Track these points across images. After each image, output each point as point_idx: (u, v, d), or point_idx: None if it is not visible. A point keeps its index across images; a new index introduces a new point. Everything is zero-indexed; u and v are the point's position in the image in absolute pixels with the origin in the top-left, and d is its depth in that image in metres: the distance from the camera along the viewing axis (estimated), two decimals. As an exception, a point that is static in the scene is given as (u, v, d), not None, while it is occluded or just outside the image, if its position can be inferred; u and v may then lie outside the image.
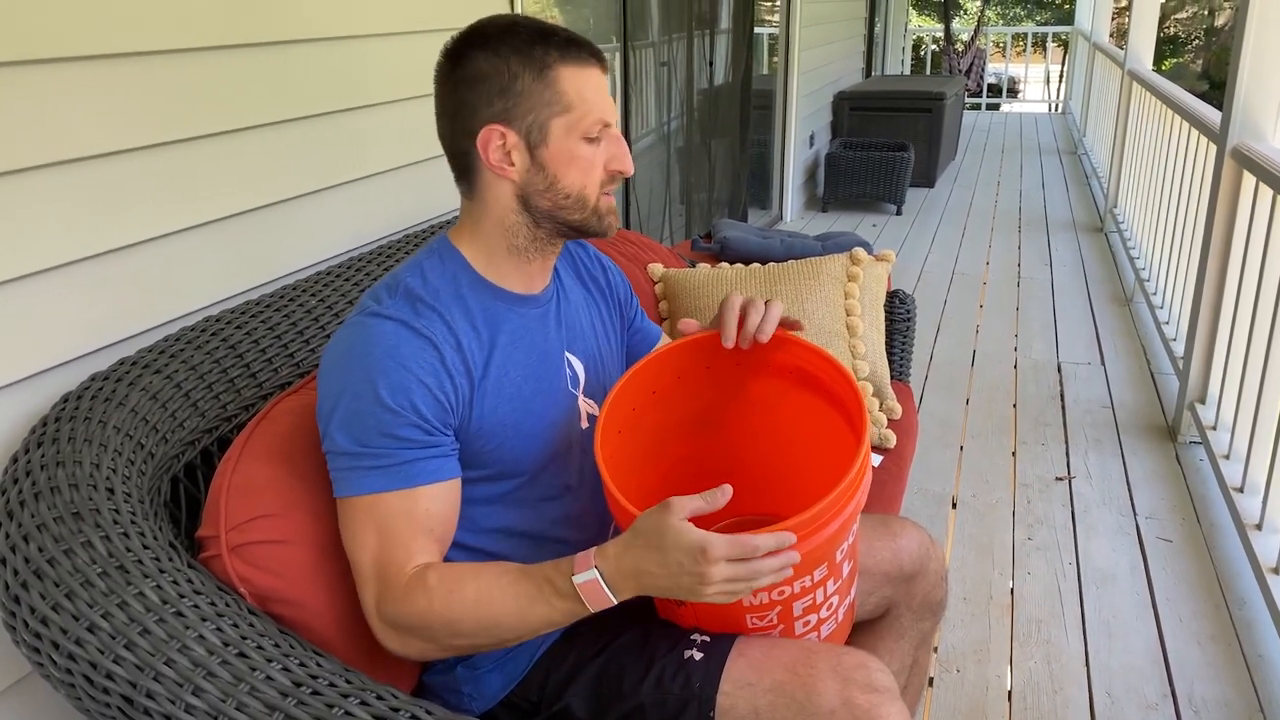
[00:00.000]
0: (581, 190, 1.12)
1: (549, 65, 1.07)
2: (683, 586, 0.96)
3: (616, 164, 1.13)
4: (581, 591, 0.98)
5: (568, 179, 1.11)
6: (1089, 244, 5.38)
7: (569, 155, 1.10)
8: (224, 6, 1.50)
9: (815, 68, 6.23)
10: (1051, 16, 19.23)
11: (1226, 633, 2.13)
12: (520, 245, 1.15)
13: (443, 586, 1.02)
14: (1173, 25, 16.65)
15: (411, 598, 1.03)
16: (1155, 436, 3.08)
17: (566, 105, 1.08)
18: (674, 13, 4.22)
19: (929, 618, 1.46)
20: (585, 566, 0.99)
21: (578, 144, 1.10)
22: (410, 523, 1.05)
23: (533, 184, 1.11)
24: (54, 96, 1.24)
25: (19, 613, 0.94)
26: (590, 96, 1.09)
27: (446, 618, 1.02)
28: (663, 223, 4.33)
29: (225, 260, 1.55)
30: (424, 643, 1.05)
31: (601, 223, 1.16)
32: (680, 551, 0.94)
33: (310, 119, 1.71)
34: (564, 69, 1.08)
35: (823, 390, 1.21)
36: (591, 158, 1.11)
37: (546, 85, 1.07)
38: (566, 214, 1.13)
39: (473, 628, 1.03)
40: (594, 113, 1.09)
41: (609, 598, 0.99)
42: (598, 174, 1.12)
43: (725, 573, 0.93)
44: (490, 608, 1.02)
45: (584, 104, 1.09)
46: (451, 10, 2.07)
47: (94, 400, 1.17)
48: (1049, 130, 9.80)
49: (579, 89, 1.08)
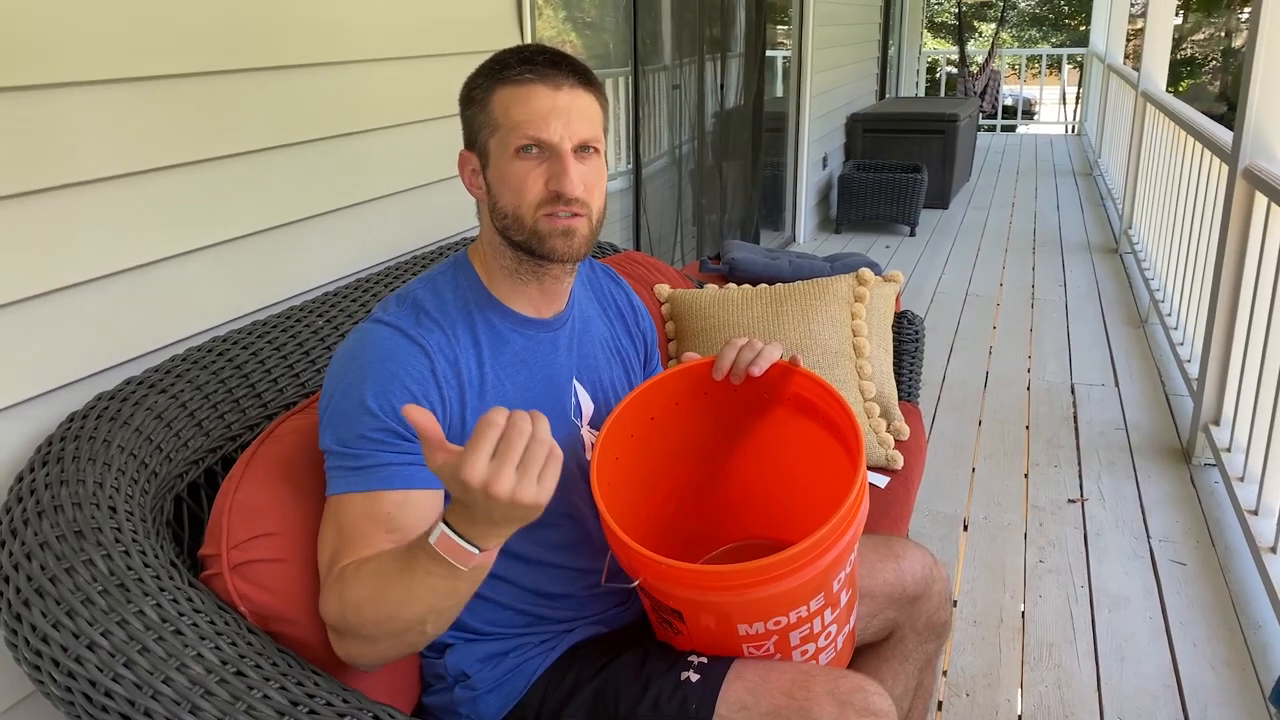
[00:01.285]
0: (516, 209, 1.10)
1: (488, 88, 1.10)
2: (498, 509, 0.86)
3: (554, 183, 1.09)
4: (440, 549, 0.91)
5: (504, 198, 1.11)
6: (1104, 265, 5.35)
7: (501, 173, 1.11)
8: (229, 32, 1.52)
9: (828, 90, 6.25)
10: (1067, 38, 19.23)
11: (1241, 657, 2.10)
12: (509, 267, 1.16)
13: (349, 575, 1.00)
14: (1190, 46, 16.61)
15: (329, 591, 1.02)
16: (1169, 459, 3.05)
17: (495, 124, 1.10)
18: (686, 37, 4.25)
19: (934, 640, 1.45)
20: (435, 525, 0.92)
21: (509, 161, 1.09)
22: (370, 524, 1.03)
23: (490, 205, 1.14)
24: (63, 120, 1.27)
25: (20, 630, 0.95)
26: (517, 113, 1.08)
27: (354, 605, 0.99)
28: (674, 244, 4.34)
29: (232, 282, 1.57)
30: (352, 640, 1.02)
31: (543, 245, 1.11)
32: (457, 488, 0.86)
33: (314, 143, 1.73)
34: (501, 89, 1.09)
35: (820, 417, 1.21)
36: (521, 175, 1.09)
37: (483, 109, 1.11)
38: (512, 234, 1.12)
39: (374, 614, 0.98)
40: (520, 129, 1.08)
41: (469, 550, 0.90)
42: (532, 193, 1.09)
43: (501, 471, 0.84)
44: (382, 590, 0.97)
45: (508, 120, 1.08)
46: (453, 37, 2.10)
47: (99, 420, 1.18)
48: (1064, 152, 9.78)
49: (506, 107, 1.09)
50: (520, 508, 0.86)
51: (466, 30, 2.16)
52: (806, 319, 2.07)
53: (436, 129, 2.03)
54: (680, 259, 4.40)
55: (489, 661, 1.18)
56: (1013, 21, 19.82)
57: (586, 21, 3.77)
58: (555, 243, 1.11)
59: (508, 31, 2.33)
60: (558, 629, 1.21)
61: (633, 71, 3.70)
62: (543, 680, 1.18)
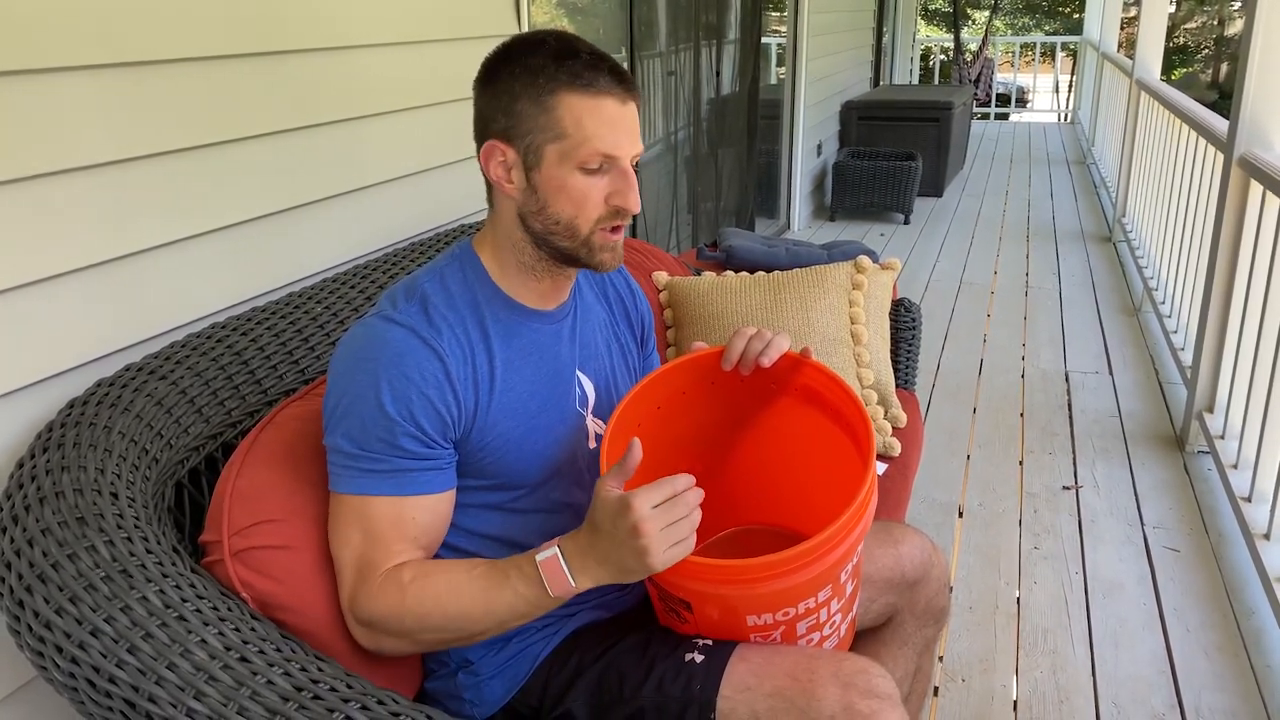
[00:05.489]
0: (572, 220, 1.08)
1: (551, 90, 1.04)
2: (627, 549, 0.96)
3: (618, 199, 1.07)
4: (543, 570, 1.00)
5: (557, 206, 1.08)
6: (1097, 253, 5.37)
7: (560, 183, 1.06)
8: (227, 17, 1.51)
9: (823, 77, 6.24)
10: (1060, 26, 19.23)
11: (1234, 643, 2.11)
12: (527, 263, 1.15)
13: (415, 582, 1.04)
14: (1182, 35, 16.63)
15: (385, 593, 1.04)
16: (1163, 446, 3.07)
17: (560, 132, 1.04)
18: (682, 23, 4.23)
19: (932, 625, 1.45)
20: (549, 546, 1.01)
21: (571, 173, 1.06)
22: (395, 528, 1.07)
23: (528, 204, 1.10)
24: (61, 105, 1.26)
25: (23, 617, 0.94)
26: (590, 126, 1.04)
27: (417, 612, 1.04)
28: (670, 231, 4.34)
29: (231, 268, 1.56)
30: (395, 639, 1.07)
31: (593, 257, 1.11)
32: (608, 515, 0.97)
33: (313, 128, 1.72)
34: (567, 95, 1.04)
35: (828, 408, 1.20)
36: (585, 189, 1.06)
37: (543, 110, 1.04)
38: (556, 240, 1.10)
39: (441, 620, 1.04)
40: (591, 144, 1.04)
41: (568, 579, 1.00)
42: (593, 207, 1.07)
43: (657, 519, 0.95)
44: (458, 599, 1.03)
45: (580, 133, 1.04)
46: (451, 22, 2.09)
47: (100, 406, 1.18)
48: (1058, 140, 9.79)
49: (578, 117, 1.04)
50: (642, 557, 0.95)
51: (464, 15, 2.14)
52: (805, 307, 2.07)
53: (435, 114, 2.02)
54: (676, 246, 4.40)
55: (492, 647, 1.18)
56: (1006, 9, 19.81)
57: (582, 6, 3.75)
58: (605, 257, 1.12)
59: (505, 16, 2.32)
60: (560, 614, 1.21)
61: (628, 58, 3.69)
62: (546, 664, 1.19)
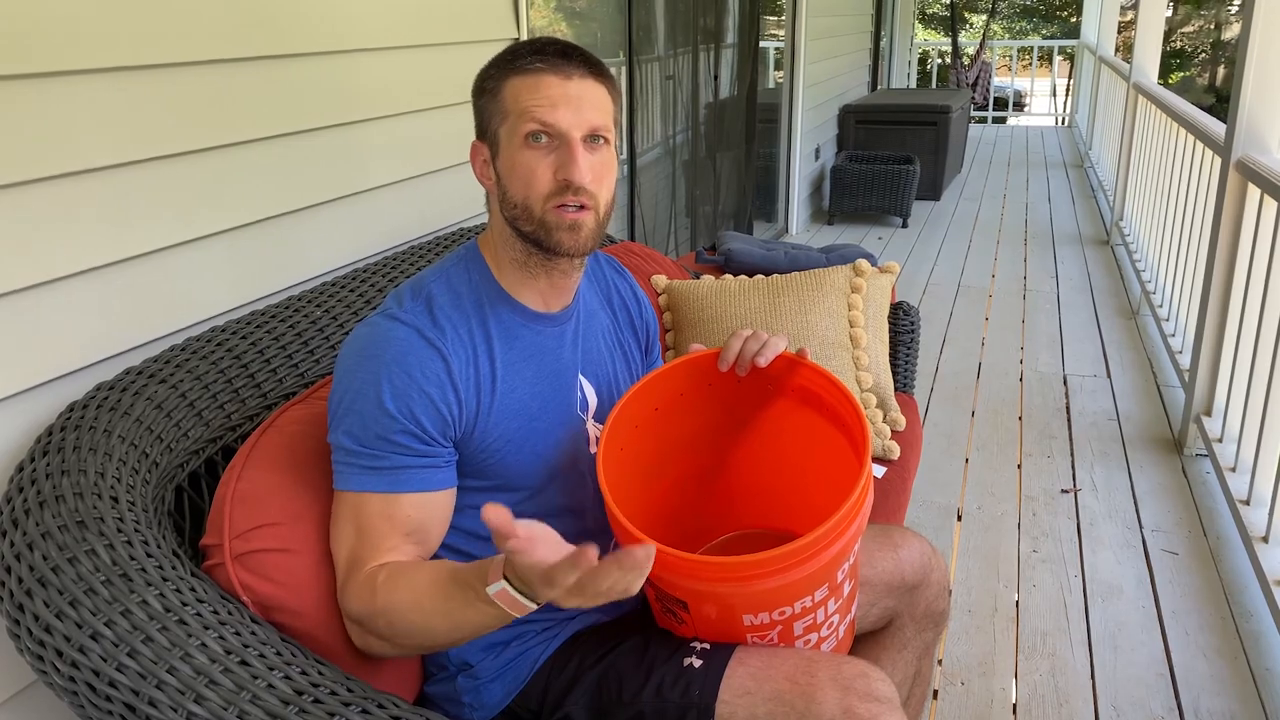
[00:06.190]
0: (525, 199, 1.09)
1: (499, 78, 1.10)
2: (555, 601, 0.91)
3: (562, 172, 1.07)
4: (498, 600, 0.94)
5: (513, 187, 1.10)
6: (1095, 257, 5.37)
7: (511, 162, 1.10)
8: (226, 21, 1.51)
9: (821, 81, 6.25)
10: (1058, 30, 19.27)
11: (1233, 646, 2.12)
12: (519, 259, 1.15)
13: (384, 585, 1.03)
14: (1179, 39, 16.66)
15: (361, 592, 1.04)
16: (1161, 449, 3.07)
17: (505, 112, 1.09)
18: (680, 27, 4.24)
19: (931, 628, 1.45)
20: (496, 577, 0.93)
21: (518, 150, 1.08)
22: (389, 525, 1.07)
23: (500, 195, 1.13)
24: (61, 109, 1.26)
25: (23, 620, 0.94)
26: (526, 100, 1.07)
27: (387, 616, 1.03)
28: (668, 235, 4.34)
29: (230, 271, 1.56)
30: (377, 640, 1.06)
31: (549, 237, 1.10)
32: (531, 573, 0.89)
33: (313, 132, 1.72)
34: (512, 78, 1.09)
35: (825, 409, 1.20)
36: (531, 164, 1.08)
37: (494, 98, 1.10)
38: (520, 225, 1.11)
39: (409, 628, 1.02)
40: (528, 114, 1.07)
41: (526, 603, 0.93)
42: (541, 184, 1.08)
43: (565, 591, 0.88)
44: (423, 611, 1.00)
45: (518, 106, 1.08)
46: (450, 26, 2.09)
47: (99, 409, 1.18)
48: (1055, 143, 9.80)
49: (516, 94, 1.08)
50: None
51: (463, 19, 2.14)
52: (804, 310, 2.07)
53: (435, 118, 2.02)
54: (674, 250, 4.40)
55: (491, 650, 1.18)
56: (1003, 13, 19.85)
57: (580, 11, 3.76)
58: (561, 236, 1.10)
59: (504, 20, 2.32)
60: (559, 617, 1.21)
61: (627, 62, 3.69)
62: (545, 668, 1.19)
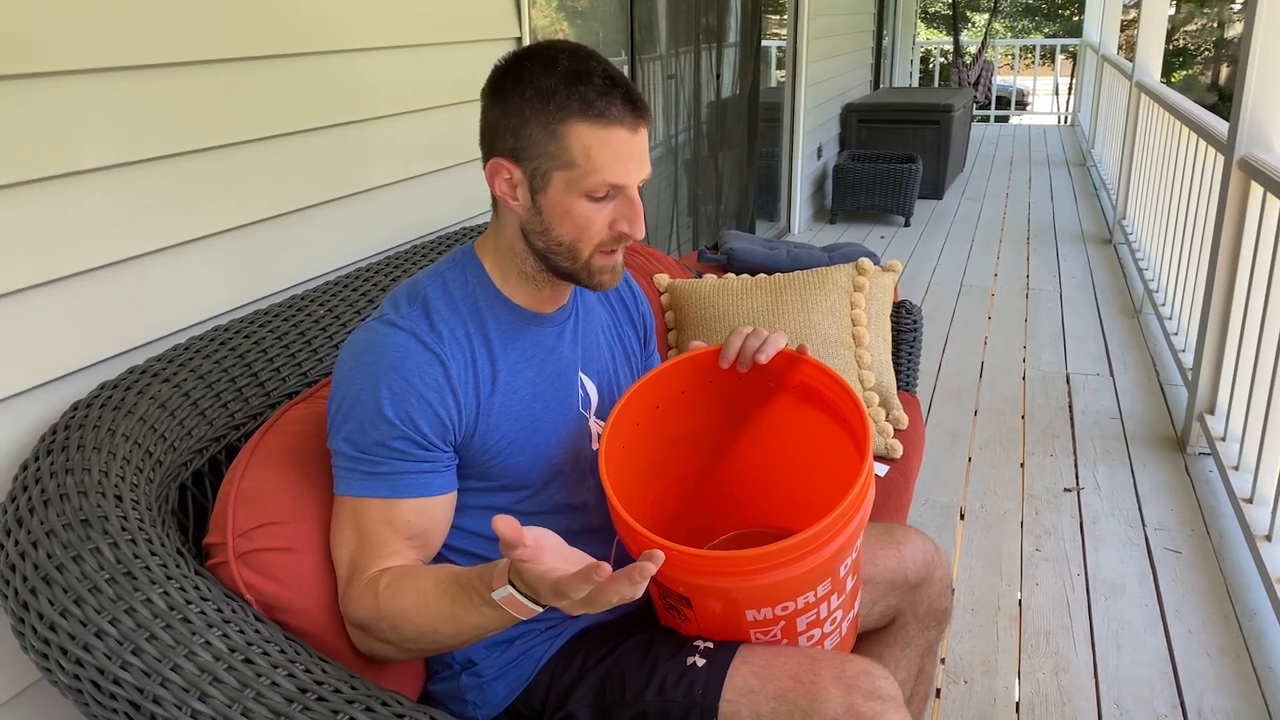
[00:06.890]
0: (574, 243, 1.08)
1: (562, 118, 1.02)
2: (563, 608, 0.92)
3: (623, 225, 1.08)
4: (504, 605, 0.94)
5: (561, 229, 1.08)
6: (1098, 255, 5.37)
7: (565, 209, 1.06)
8: (229, 20, 1.51)
9: (823, 80, 6.24)
10: (1060, 29, 19.24)
11: (1236, 644, 2.11)
12: (529, 273, 1.15)
13: (387, 590, 1.03)
14: (1182, 38, 16.64)
15: (364, 598, 1.04)
16: (1164, 448, 3.07)
17: (569, 161, 1.03)
18: (682, 26, 4.24)
19: (934, 626, 1.45)
20: (501, 581, 0.93)
21: (576, 200, 1.05)
22: (390, 530, 1.07)
23: (531, 223, 1.09)
24: (65, 109, 1.26)
25: (27, 619, 0.94)
26: (600, 157, 1.03)
27: (391, 621, 1.02)
28: (670, 234, 4.34)
29: (234, 271, 1.56)
30: (381, 644, 1.06)
31: (591, 279, 1.12)
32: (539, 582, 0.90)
33: (315, 132, 1.72)
34: (577, 124, 1.02)
35: (826, 405, 1.21)
36: (590, 216, 1.06)
37: (553, 138, 1.03)
38: (557, 259, 1.11)
39: (414, 633, 1.02)
40: (599, 174, 1.03)
41: (532, 606, 0.93)
42: (596, 233, 1.08)
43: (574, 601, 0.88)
44: (428, 616, 1.00)
45: (589, 163, 1.03)
46: (452, 26, 2.09)
47: (103, 408, 1.18)
48: (1058, 142, 9.79)
49: (587, 148, 1.03)
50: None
51: (464, 18, 2.14)
52: (806, 309, 2.07)
53: (436, 117, 2.02)
54: (677, 249, 4.40)
55: (495, 648, 1.18)
56: (1006, 11, 19.83)
57: (582, 10, 3.76)
58: (605, 278, 1.12)
59: (505, 20, 2.32)
60: (563, 616, 1.21)
61: (629, 61, 3.70)
62: (549, 666, 1.19)
